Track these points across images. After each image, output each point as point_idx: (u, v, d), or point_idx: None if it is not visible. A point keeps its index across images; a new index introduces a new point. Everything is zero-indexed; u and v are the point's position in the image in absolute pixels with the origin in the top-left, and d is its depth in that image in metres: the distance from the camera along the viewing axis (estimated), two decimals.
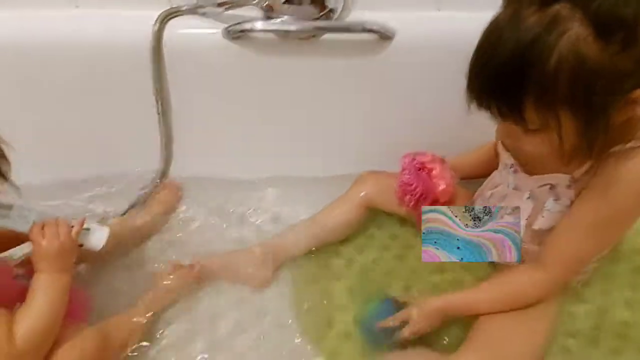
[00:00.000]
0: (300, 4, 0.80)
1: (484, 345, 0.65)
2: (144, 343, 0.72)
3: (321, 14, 0.81)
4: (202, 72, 0.85)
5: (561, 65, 0.44)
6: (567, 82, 0.45)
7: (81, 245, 0.63)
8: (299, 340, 0.75)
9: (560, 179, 0.61)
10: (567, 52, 0.44)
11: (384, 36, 0.81)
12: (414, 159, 0.77)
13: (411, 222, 0.86)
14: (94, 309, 0.72)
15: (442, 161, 0.78)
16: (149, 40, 0.81)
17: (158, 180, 0.92)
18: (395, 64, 0.84)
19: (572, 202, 0.61)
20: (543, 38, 0.44)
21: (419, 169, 0.76)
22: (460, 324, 0.72)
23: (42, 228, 0.58)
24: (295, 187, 0.96)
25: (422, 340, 0.70)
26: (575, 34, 0.43)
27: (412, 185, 0.75)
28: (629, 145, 0.53)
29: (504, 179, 0.70)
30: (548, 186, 0.63)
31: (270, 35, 0.81)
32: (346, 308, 0.79)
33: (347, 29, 0.80)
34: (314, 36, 0.81)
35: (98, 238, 0.65)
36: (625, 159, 0.53)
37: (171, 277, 0.76)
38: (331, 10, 0.82)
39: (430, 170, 0.75)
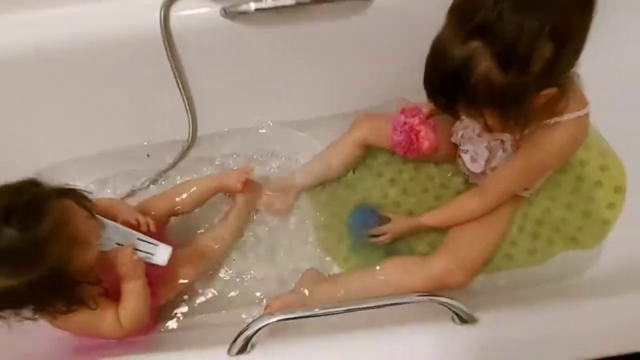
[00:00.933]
0: None
1: (453, 248, 0.92)
2: None
3: None
4: (208, 48, 0.96)
5: (478, 86, 0.61)
6: (483, 96, 0.62)
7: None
8: (319, 251, 1.03)
9: (508, 137, 0.81)
10: (480, 78, 0.60)
11: None
12: (405, 123, 0.94)
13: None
14: None
15: (429, 122, 0.95)
16: (158, 24, 0.91)
17: (190, 140, 1.11)
18: (377, 21, 0.94)
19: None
20: (465, 66, 0.60)
21: (409, 131, 0.93)
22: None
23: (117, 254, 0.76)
24: (306, 128, 1.14)
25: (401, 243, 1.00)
26: (485, 66, 0.59)
27: (401, 144, 0.94)
28: (547, 121, 0.71)
29: (471, 123, 0.88)
30: (499, 141, 0.82)
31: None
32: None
33: None
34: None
35: (161, 258, 0.79)
36: (547, 130, 0.72)
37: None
38: None
39: (418, 132, 0.93)
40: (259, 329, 0.53)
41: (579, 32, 0.58)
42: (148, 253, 0.79)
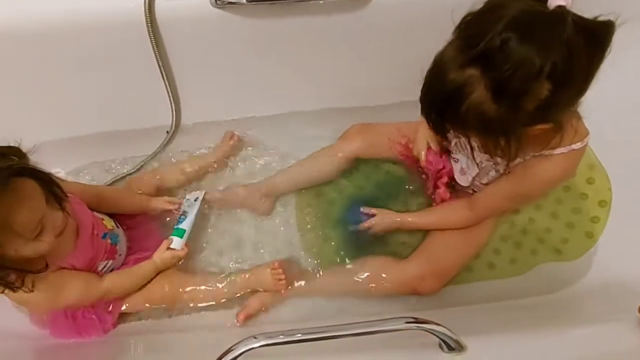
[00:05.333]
0: None
1: (428, 255, 0.92)
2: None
3: None
4: (195, 36, 0.91)
5: (468, 112, 0.59)
6: (473, 122, 0.60)
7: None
8: (303, 253, 1.01)
9: (501, 162, 0.78)
10: (472, 105, 0.58)
11: None
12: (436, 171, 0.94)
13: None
14: None
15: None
16: (142, 9, 0.85)
17: (173, 128, 1.06)
18: (374, 20, 0.90)
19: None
20: (459, 91, 0.58)
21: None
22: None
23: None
24: (291, 121, 1.10)
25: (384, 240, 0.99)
26: (479, 95, 0.57)
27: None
28: (540, 152, 0.70)
29: None
30: (492, 162, 0.81)
31: None
32: (337, 228, 1.03)
33: None
34: None
35: (178, 244, 0.91)
36: (538, 161, 0.71)
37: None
38: None
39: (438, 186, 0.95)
40: (242, 353, 0.51)
41: (585, 73, 0.55)
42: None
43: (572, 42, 0.52)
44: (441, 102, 0.60)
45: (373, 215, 0.98)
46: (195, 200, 0.97)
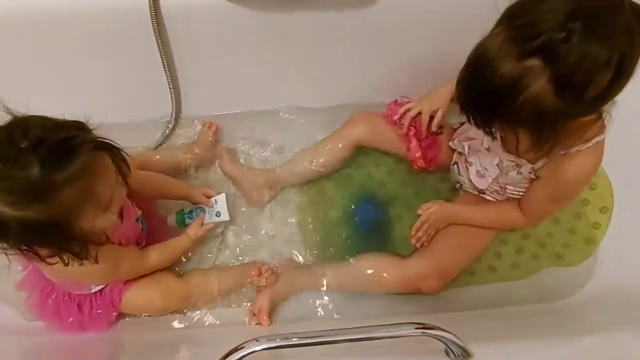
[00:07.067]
0: None
1: (432, 253, 0.90)
2: None
3: None
4: (199, 27, 0.89)
5: (524, 106, 0.56)
6: (526, 117, 0.58)
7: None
8: (304, 253, 1.00)
9: (524, 162, 0.77)
10: (530, 99, 0.55)
11: None
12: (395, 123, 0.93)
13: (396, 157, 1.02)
14: None
15: (425, 139, 0.93)
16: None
17: (172, 123, 1.04)
18: (385, 14, 0.88)
19: (532, 180, 0.79)
20: (515, 85, 0.55)
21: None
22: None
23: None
24: (295, 117, 1.08)
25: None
26: (540, 88, 0.54)
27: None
28: (573, 149, 0.68)
29: (479, 134, 0.83)
30: (514, 163, 0.79)
31: None
32: (338, 226, 1.02)
33: None
34: None
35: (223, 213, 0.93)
36: (570, 158, 0.69)
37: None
38: None
39: (409, 142, 0.94)
40: (244, 356, 0.50)
41: (637, 60, 0.54)
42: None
43: (632, 29, 0.51)
44: (491, 96, 0.57)
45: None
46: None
